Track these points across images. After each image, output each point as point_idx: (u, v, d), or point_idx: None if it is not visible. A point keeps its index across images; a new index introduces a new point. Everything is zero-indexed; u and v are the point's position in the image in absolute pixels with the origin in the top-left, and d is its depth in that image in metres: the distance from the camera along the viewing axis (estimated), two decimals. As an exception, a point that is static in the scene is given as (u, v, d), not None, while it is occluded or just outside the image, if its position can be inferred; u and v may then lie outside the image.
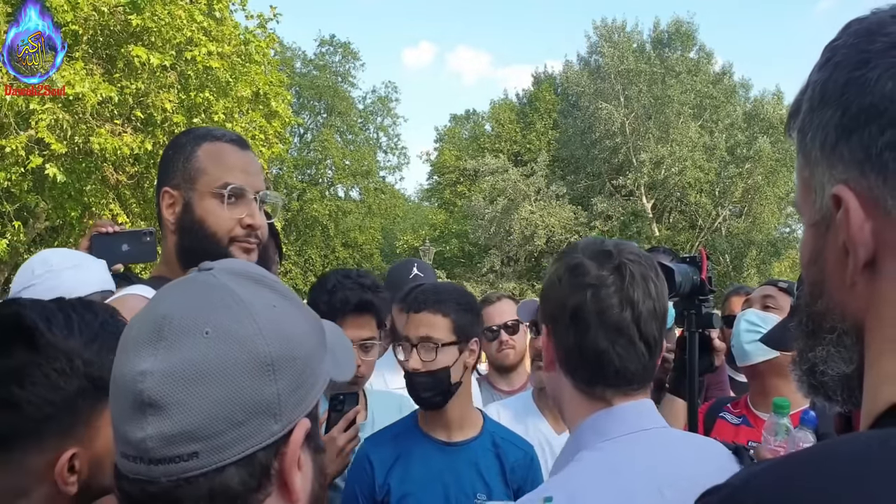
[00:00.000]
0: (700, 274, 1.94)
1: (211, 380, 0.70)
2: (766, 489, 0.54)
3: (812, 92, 0.67)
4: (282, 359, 0.74)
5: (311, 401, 0.78)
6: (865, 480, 0.51)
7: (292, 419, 0.75)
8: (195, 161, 1.62)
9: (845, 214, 0.62)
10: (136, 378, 0.71)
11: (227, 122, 12.15)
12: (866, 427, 0.62)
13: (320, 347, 0.82)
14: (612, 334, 1.19)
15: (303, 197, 33.88)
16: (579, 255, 1.24)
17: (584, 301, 1.19)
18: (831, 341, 0.66)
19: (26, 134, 10.26)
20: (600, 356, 1.19)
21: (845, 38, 0.66)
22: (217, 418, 0.70)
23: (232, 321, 0.73)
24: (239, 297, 0.74)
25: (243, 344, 0.72)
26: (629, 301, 1.19)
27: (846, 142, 0.63)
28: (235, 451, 0.71)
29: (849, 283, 0.63)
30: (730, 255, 30.31)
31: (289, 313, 0.78)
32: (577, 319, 1.20)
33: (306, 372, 0.77)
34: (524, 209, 30.19)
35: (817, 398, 0.70)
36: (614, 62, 30.40)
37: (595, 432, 1.20)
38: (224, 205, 1.60)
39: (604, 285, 1.19)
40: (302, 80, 35.36)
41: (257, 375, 0.72)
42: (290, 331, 0.76)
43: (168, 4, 10.97)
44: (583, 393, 1.23)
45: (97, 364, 1.09)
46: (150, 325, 0.73)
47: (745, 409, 2.34)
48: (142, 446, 0.70)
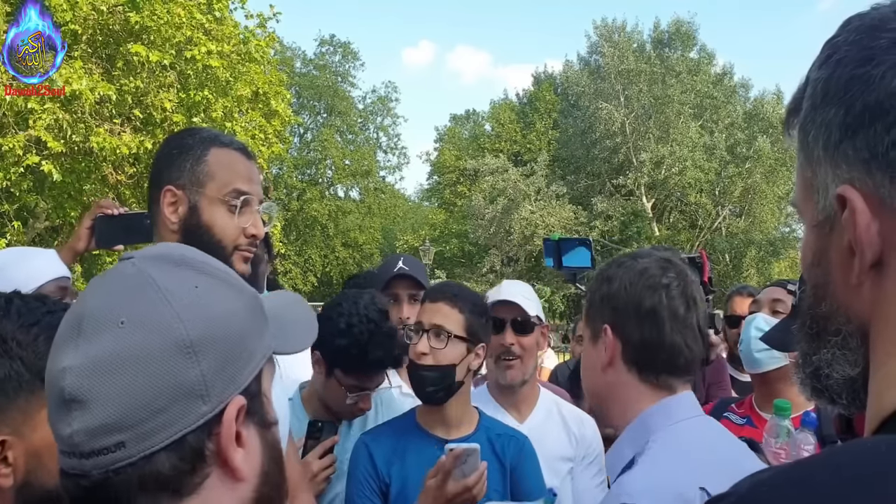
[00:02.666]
0: (701, 275, 1.93)
1: (127, 369, 0.70)
2: (772, 497, 0.53)
3: (813, 90, 0.65)
4: (203, 339, 0.73)
5: (245, 377, 0.77)
6: (874, 485, 0.50)
7: (223, 398, 0.74)
8: (205, 164, 1.61)
9: (851, 215, 0.61)
10: (57, 375, 0.72)
11: (227, 121, 12.15)
12: (871, 431, 0.60)
13: (255, 322, 0.80)
14: (684, 329, 1.37)
15: (302, 197, 33.89)
16: (646, 261, 1.42)
17: (658, 301, 1.37)
18: (836, 344, 0.65)
19: (25, 134, 10.25)
20: (674, 348, 1.37)
21: (846, 35, 0.64)
22: (138, 407, 0.70)
23: (147, 308, 0.73)
24: (155, 283, 0.74)
25: (159, 330, 0.72)
26: (693, 300, 1.40)
27: (851, 141, 0.61)
28: (162, 437, 0.71)
29: (854, 284, 0.62)
30: (729, 254, 30.32)
31: (213, 292, 0.77)
32: (652, 317, 1.37)
33: (236, 349, 0.76)
34: (524, 209, 30.19)
35: (821, 402, 0.69)
36: (614, 62, 30.39)
37: (665, 416, 1.35)
38: (232, 213, 1.60)
39: (672, 287, 1.39)
40: (302, 79, 35.38)
41: (176, 359, 0.71)
42: (214, 310, 0.76)
43: (167, 3, 10.96)
44: (648, 384, 1.38)
45: (35, 351, 1.08)
46: (71, 321, 0.74)
47: (749, 410, 2.33)
48: (70, 441, 0.71)
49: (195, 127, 1.90)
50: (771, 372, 2.23)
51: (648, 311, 1.37)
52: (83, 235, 2.34)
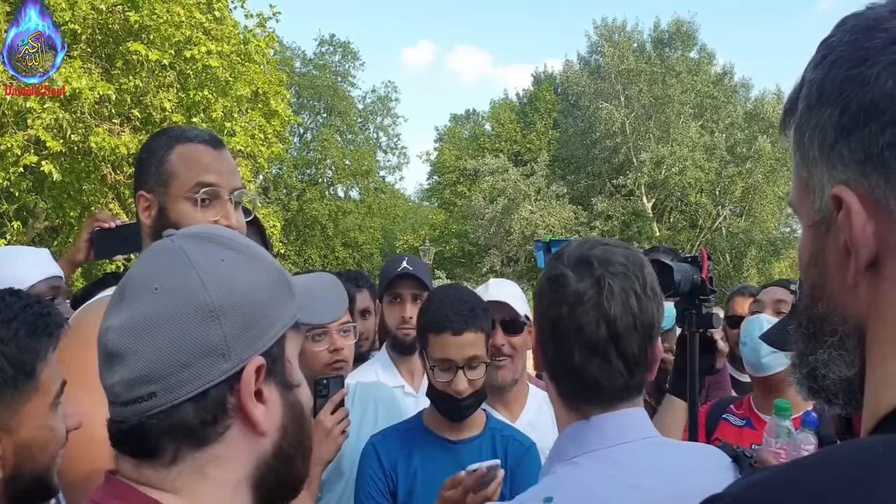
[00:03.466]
0: (701, 273, 1.92)
1: (159, 329, 0.80)
2: (767, 498, 0.53)
3: (809, 90, 0.65)
4: (226, 305, 0.81)
5: (266, 341, 0.84)
6: (870, 486, 0.49)
7: (244, 358, 0.82)
8: (167, 164, 1.62)
9: (847, 215, 0.61)
10: (103, 333, 0.83)
11: (227, 121, 12.15)
12: (868, 431, 0.60)
13: (279, 294, 0.88)
14: (586, 352, 1.16)
15: (302, 197, 33.88)
16: (563, 265, 1.21)
17: (561, 316, 1.17)
18: (833, 344, 0.65)
19: (24, 134, 10.25)
20: (576, 372, 1.18)
21: (841, 35, 0.64)
22: (167, 362, 0.79)
23: (177, 277, 0.82)
24: (186, 256, 0.83)
25: (187, 295, 0.81)
26: (605, 318, 1.15)
27: (846, 141, 0.61)
28: (188, 389, 0.79)
29: (851, 285, 0.62)
30: (730, 254, 30.32)
31: (238, 265, 0.85)
32: (555, 333, 1.19)
33: (257, 316, 0.84)
34: (524, 209, 30.19)
35: (817, 401, 0.68)
36: (614, 62, 30.38)
37: (574, 443, 1.19)
38: (198, 208, 1.60)
39: (580, 302, 1.16)
40: (301, 79, 35.35)
41: (201, 321, 0.80)
42: (237, 280, 0.84)
43: (167, 2, 10.96)
44: (564, 403, 1.23)
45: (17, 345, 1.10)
46: (118, 287, 0.86)
47: (748, 411, 2.32)
48: (112, 391, 0.82)
49: (168, 127, 1.89)
50: (775, 374, 2.22)
51: (552, 326, 1.19)
52: (82, 248, 2.42)
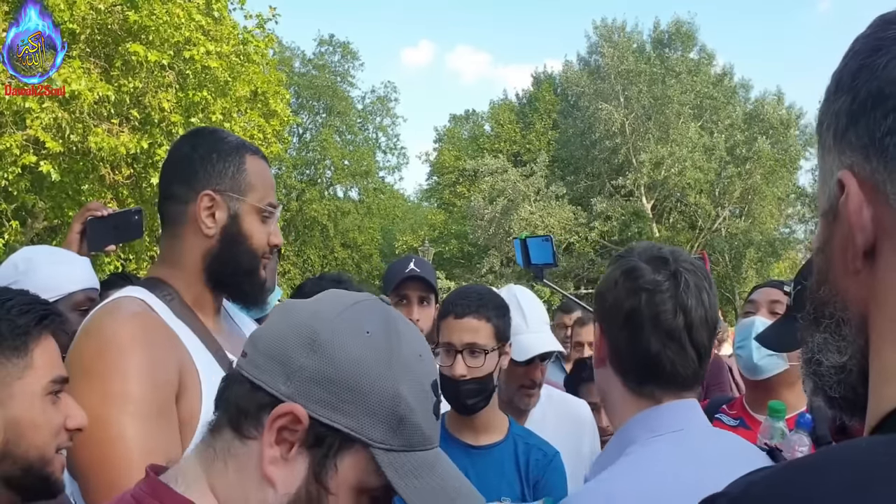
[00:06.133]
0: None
1: (277, 328, 0.90)
2: (767, 497, 0.52)
3: (830, 82, 0.66)
4: (326, 353, 0.86)
5: (327, 413, 0.84)
6: (869, 487, 0.49)
7: (296, 399, 0.84)
8: (246, 174, 1.60)
9: (846, 199, 0.61)
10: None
11: (226, 121, 12.13)
12: (870, 429, 0.59)
13: (382, 409, 0.86)
14: (664, 338, 1.23)
15: (301, 197, 33.87)
16: (635, 259, 1.27)
17: (639, 304, 1.23)
18: (828, 327, 0.65)
19: (23, 133, 10.25)
20: (652, 358, 1.24)
21: (867, 30, 0.65)
22: (266, 347, 0.88)
23: (319, 310, 0.91)
24: (348, 314, 0.90)
25: (307, 321, 0.88)
26: (682, 307, 1.23)
27: (854, 127, 0.62)
28: (256, 374, 0.87)
29: (851, 270, 0.62)
30: (729, 255, 30.33)
31: (373, 351, 0.88)
32: (632, 322, 1.24)
33: (343, 391, 0.85)
34: (524, 209, 30.18)
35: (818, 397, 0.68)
36: (614, 62, 30.39)
37: (645, 428, 1.24)
38: (263, 223, 1.63)
39: (658, 290, 1.23)
40: (301, 79, 35.35)
41: (300, 344, 0.87)
42: (351, 353, 0.86)
43: (166, 3, 10.96)
44: (631, 390, 1.28)
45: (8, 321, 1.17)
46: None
47: (741, 412, 2.30)
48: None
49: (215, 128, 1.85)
50: (770, 377, 2.20)
51: (627, 315, 1.24)
52: (73, 241, 2.34)
